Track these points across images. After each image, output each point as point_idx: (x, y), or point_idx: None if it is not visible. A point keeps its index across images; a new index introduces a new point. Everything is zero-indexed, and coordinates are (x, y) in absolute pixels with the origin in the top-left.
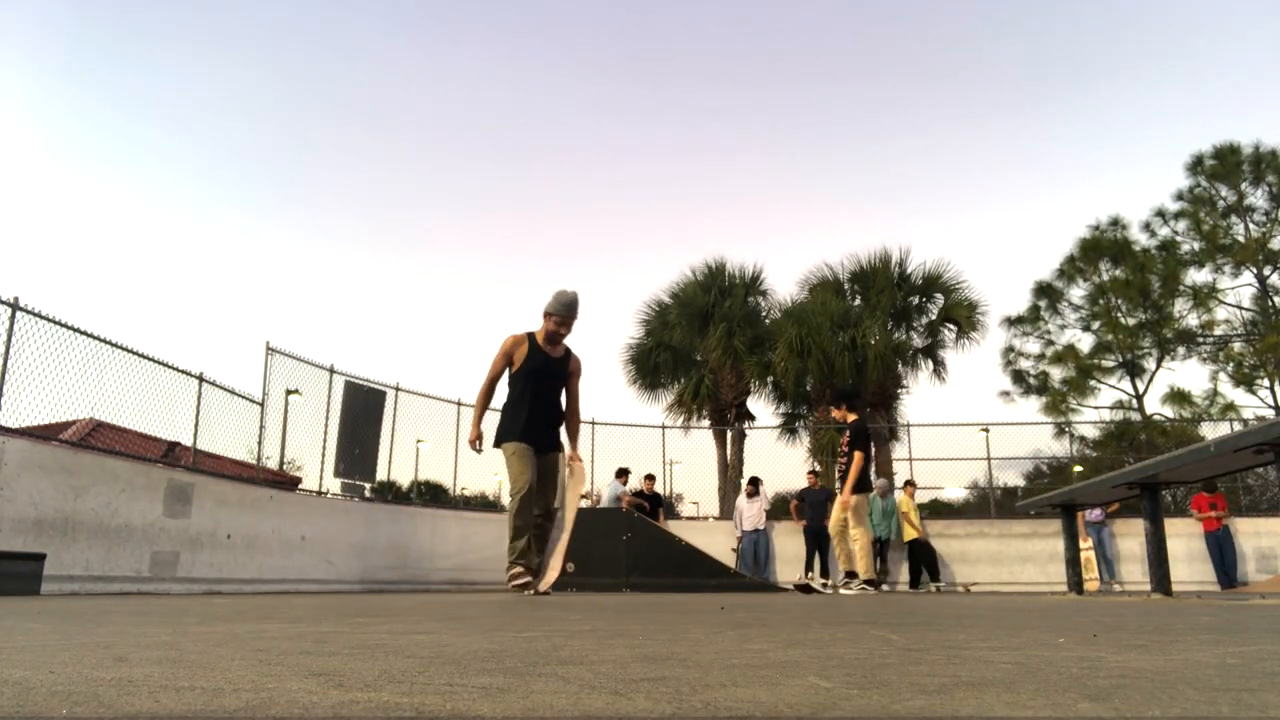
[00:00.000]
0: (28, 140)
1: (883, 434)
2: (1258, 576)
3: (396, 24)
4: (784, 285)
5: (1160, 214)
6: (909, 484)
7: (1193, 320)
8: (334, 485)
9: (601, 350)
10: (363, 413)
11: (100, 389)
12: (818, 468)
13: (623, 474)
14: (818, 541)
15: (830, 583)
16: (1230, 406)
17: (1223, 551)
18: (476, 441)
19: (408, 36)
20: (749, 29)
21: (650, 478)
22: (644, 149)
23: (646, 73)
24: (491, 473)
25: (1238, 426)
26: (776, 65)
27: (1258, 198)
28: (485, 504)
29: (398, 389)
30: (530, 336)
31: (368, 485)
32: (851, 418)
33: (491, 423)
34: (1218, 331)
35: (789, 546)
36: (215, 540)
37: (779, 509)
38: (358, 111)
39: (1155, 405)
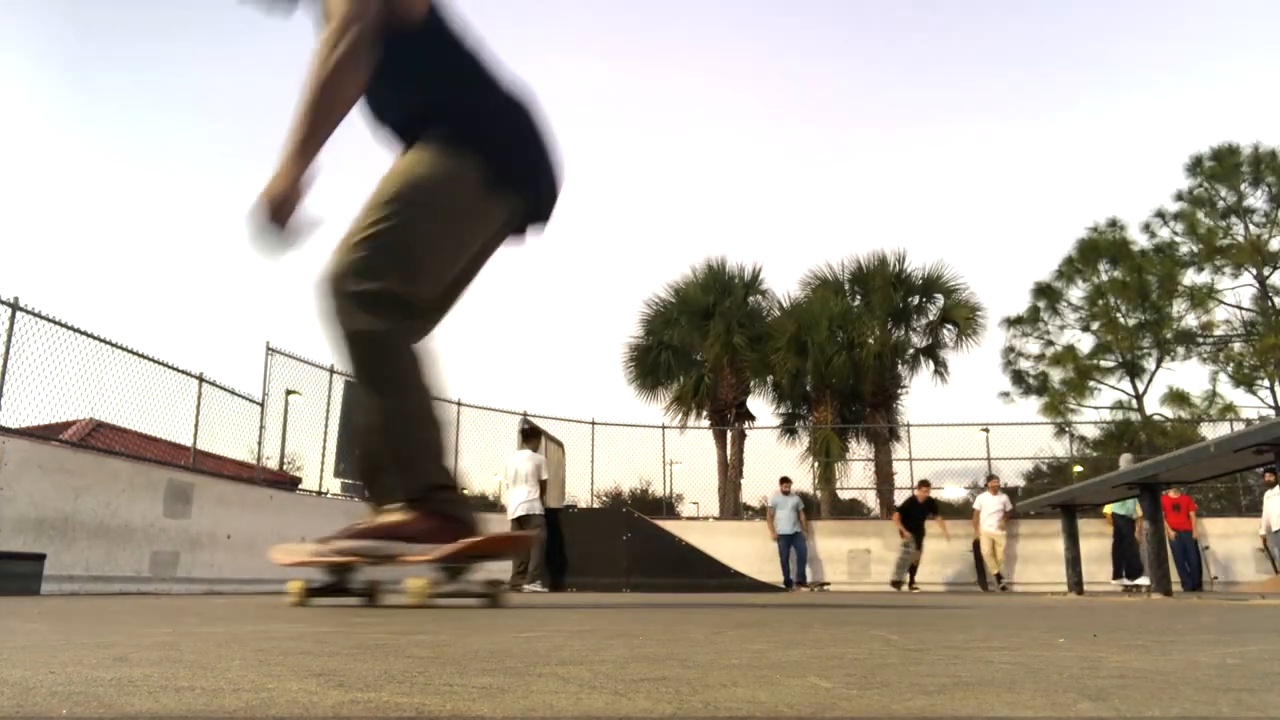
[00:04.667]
0: (26, 139)
1: (883, 434)
2: (1257, 577)
3: None
4: (784, 285)
5: (1160, 214)
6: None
7: (1192, 321)
8: (334, 485)
9: (601, 349)
10: None
11: (100, 389)
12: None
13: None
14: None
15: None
16: (1229, 407)
17: (1186, 554)
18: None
19: None
20: (748, 28)
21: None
22: (645, 145)
23: (646, 70)
24: (491, 473)
25: (1238, 427)
26: (776, 64)
27: (1257, 198)
28: (485, 504)
29: None
30: None
31: None
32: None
33: None
34: (1217, 332)
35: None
36: (215, 540)
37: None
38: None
39: (1155, 405)
